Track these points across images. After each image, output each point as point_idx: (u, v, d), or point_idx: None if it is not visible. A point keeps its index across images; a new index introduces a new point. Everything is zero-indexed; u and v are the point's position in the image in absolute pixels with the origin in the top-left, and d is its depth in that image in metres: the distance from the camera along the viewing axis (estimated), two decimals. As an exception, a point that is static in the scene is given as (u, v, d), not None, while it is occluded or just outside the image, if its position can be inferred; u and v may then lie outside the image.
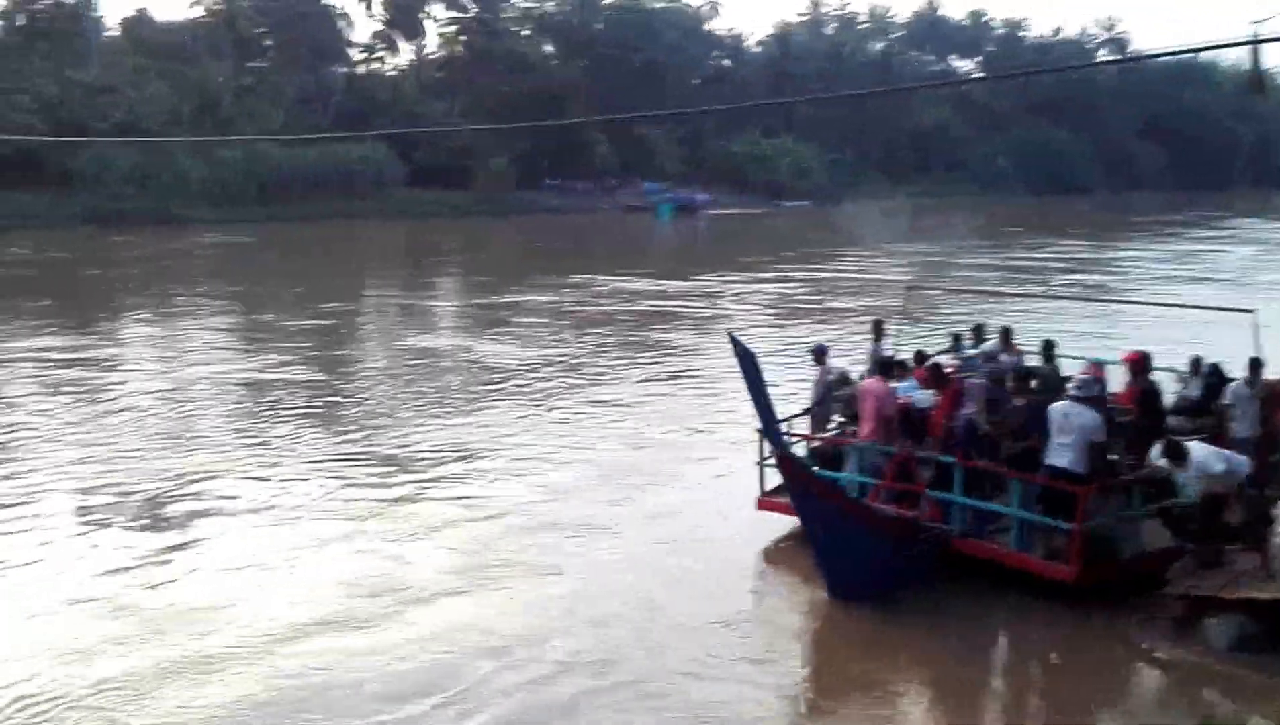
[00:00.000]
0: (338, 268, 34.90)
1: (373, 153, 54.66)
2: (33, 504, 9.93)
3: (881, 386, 8.79)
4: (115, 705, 6.28)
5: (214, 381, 15.65)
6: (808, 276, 30.86)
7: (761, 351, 10.11)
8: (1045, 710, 6.85)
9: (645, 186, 66.09)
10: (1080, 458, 7.74)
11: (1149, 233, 49.46)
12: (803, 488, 7.82)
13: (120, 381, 15.73)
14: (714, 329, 21.08)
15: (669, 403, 14.24)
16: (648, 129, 67.33)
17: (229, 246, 40.30)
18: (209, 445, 12.02)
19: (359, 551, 8.83)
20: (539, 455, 11.65)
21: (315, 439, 12.43)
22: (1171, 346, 11.87)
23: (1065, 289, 27.68)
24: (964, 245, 40.80)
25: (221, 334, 20.59)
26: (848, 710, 6.80)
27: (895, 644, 7.57)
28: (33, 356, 17.45)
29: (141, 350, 18.95)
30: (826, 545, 7.86)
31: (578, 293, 26.66)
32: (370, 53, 70.48)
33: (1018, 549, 7.97)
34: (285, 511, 9.78)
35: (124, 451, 11.75)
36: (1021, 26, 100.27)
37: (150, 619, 7.41)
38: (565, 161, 64.20)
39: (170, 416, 13.48)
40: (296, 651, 6.98)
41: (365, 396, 14.86)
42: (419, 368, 17.19)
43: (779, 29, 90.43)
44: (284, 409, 13.92)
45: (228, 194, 49.44)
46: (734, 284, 29.08)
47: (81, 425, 12.96)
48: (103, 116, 47.67)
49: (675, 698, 6.53)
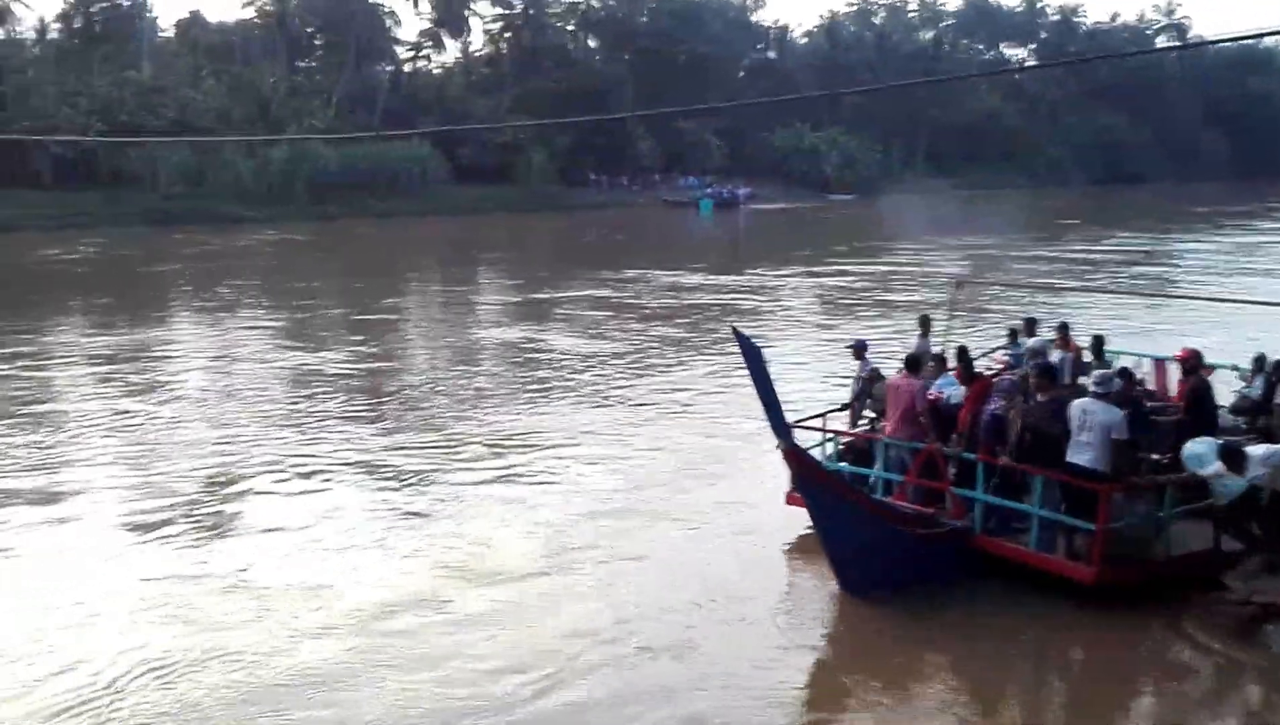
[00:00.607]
0: (392, 263, 35.34)
1: (419, 150, 55.15)
2: (140, 487, 10.45)
3: (908, 382, 8.67)
4: (238, 670, 6.75)
5: (293, 372, 16.36)
6: (858, 270, 30.61)
7: (809, 346, 9.75)
8: (1097, 709, 6.70)
9: (685, 181, 65.84)
10: (1101, 456, 7.53)
11: (1212, 224, 48.06)
12: (810, 481, 7.73)
13: (208, 369, 16.48)
14: (772, 322, 21.19)
15: (736, 395, 13.95)
16: (691, 122, 66.95)
17: (282, 244, 41.05)
18: (298, 434, 12.54)
19: (447, 534, 9.11)
20: (615, 443, 12.02)
21: (398, 427, 12.88)
22: (1241, 344, 11.58)
23: (1119, 283, 27.11)
24: (1017, 238, 40.10)
25: (291, 327, 21.26)
26: (877, 707, 6.74)
27: (934, 644, 7.45)
28: (130, 351, 18.12)
29: (226, 343, 19.53)
30: (835, 539, 7.76)
31: (636, 287, 26.83)
32: (417, 51, 71.17)
33: (1039, 548, 7.75)
34: (373, 494, 10.21)
35: (229, 436, 12.35)
36: (1077, 12, 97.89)
37: (261, 596, 7.84)
38: (608, 157, 64.15)
39: (261, 404, 14.11)
40: (391, 629, 7.30)
41: (442, 386, 15.33)
42: (492, 359, 17.71)
43: (826, 19, 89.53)
44: (365, 398, 14.47)
45: (276, 193, 50.24)
46: (787, 278, 28.96)
47: (210, 404, 13.93)
48: (156, 116, 48.71)
49: (736, 687, 6.68)
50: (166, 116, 49.13)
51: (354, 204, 50.81)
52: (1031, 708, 6.91)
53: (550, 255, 38.59)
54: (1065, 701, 7.00)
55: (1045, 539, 7.78)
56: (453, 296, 27.44)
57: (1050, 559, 7.74)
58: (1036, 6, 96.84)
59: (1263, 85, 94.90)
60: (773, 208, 61.35)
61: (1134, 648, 7.39)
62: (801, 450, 7.79)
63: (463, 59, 74.02)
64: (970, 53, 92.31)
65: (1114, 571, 7.54)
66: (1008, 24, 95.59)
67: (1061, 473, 7.66)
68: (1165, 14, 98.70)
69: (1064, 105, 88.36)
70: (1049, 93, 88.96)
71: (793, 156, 71.45)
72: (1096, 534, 7.40)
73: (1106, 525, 7.42)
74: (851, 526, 7.71)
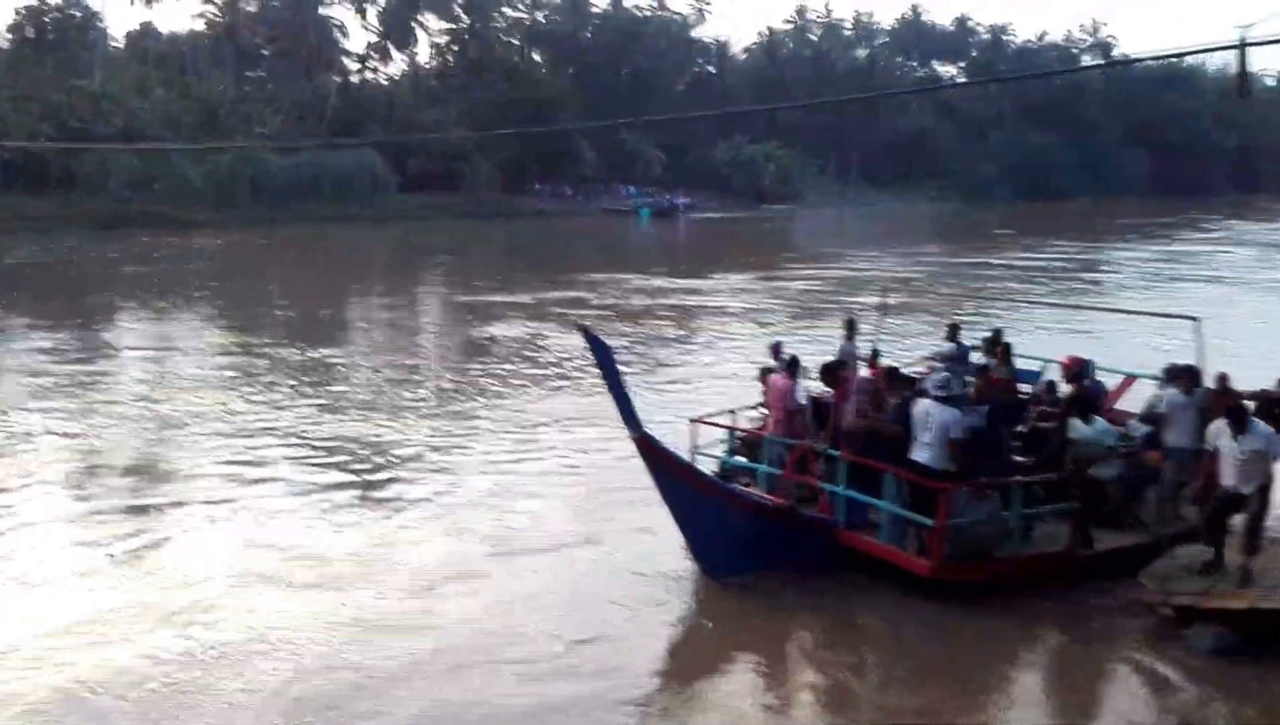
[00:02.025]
0: (333, 268, 36.73)
1: (366, 159, 56.82)
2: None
3: (785, 382, 9.18)
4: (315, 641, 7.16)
5: (294, 363, 17.61)
6: (790, 275, 32.34)
7: (739, 345, 10.15)
8: (1018, 715, 6.73)
9: (626, 191, 68.45)
10: (939, 454, 7.88)
11: (1141, 235, 50.45)
12: (662, 470, 7.96)
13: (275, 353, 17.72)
14: (703, 321, 23.16)
15: (732, 383, 14.42)
16: (634, 134, 69.51)
17: (228, 246, 42.20)
18: (340, 416, 13.66)
19: (499, 508, 9.77)
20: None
21: (431, 411, 14.04)
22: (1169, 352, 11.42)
23: (1025, 291, 28.66)
24: (954, 248, 42.26)
25: (229, 325, 22.79)
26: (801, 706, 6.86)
27: (797, 632, 7.67)
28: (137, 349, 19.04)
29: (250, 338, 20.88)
30: (690, 525, 8.10)
31: (607, 290, 28.28)
32: (364, 62, 72.85)
33: (889, 542, 8.05)
34: (404, 476, 11.04)
35: (307, 417, 13.48)
36: (1006, 31, 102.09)
37: (331, 571, 8.37)
38: (553, 167, 66.39)
39: (312, 392, 15.22)
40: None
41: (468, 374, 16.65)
42: (497, 354, 18.77)
43: (764, 36, 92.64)
44: (294, 400, 15.14)
45: (225, 198, 51.57)
46: (720, 281, 30.88)
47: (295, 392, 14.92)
48: (106, 123, 49.93)
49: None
50: (116, 124, 50.37)
51: (301, 210, 52.19)
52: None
53: (501, 262, 39.89)
54: (1011, 703, 6.95)
55: (896, 534, 8.03)
56: (393, 302, 28.63)
57: (894, 552, 7.98)
58: (967, 25, 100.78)
59: (1183, 104, 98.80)
60: (711, 217, 63.96)
61: (1031, 648, 7.55)
62: (653, 439, 7.85)
63: (410, 70, 75.87)
64: (904, 70, 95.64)
65: (954, 568, 7.75)
66: (940, 42, 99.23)
67: (906, 470, 7.94)
68: (1091, 33, 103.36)
69: (993, 123, 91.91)
70: (979, 110, 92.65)
71: (731, 168, 74.36)
72: (935, 530, 7.67)
73: (946, 522, 7.65)
74: (705, 513, 7.99)
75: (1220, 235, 52.31)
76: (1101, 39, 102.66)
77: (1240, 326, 19.91)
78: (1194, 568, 7.60)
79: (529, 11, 79.02)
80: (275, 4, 67.67)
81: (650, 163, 71.25)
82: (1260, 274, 34.54)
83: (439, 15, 72.87)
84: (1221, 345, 11.02)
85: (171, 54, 65.25)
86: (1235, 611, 7.01)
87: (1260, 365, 11.25)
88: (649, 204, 64.84)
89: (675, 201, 66.58)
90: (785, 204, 70.47)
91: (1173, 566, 7.72)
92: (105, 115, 50.98)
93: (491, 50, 72.63)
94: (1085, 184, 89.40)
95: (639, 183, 70.18)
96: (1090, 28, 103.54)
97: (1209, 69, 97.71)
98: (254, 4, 68.90)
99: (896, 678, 7.05)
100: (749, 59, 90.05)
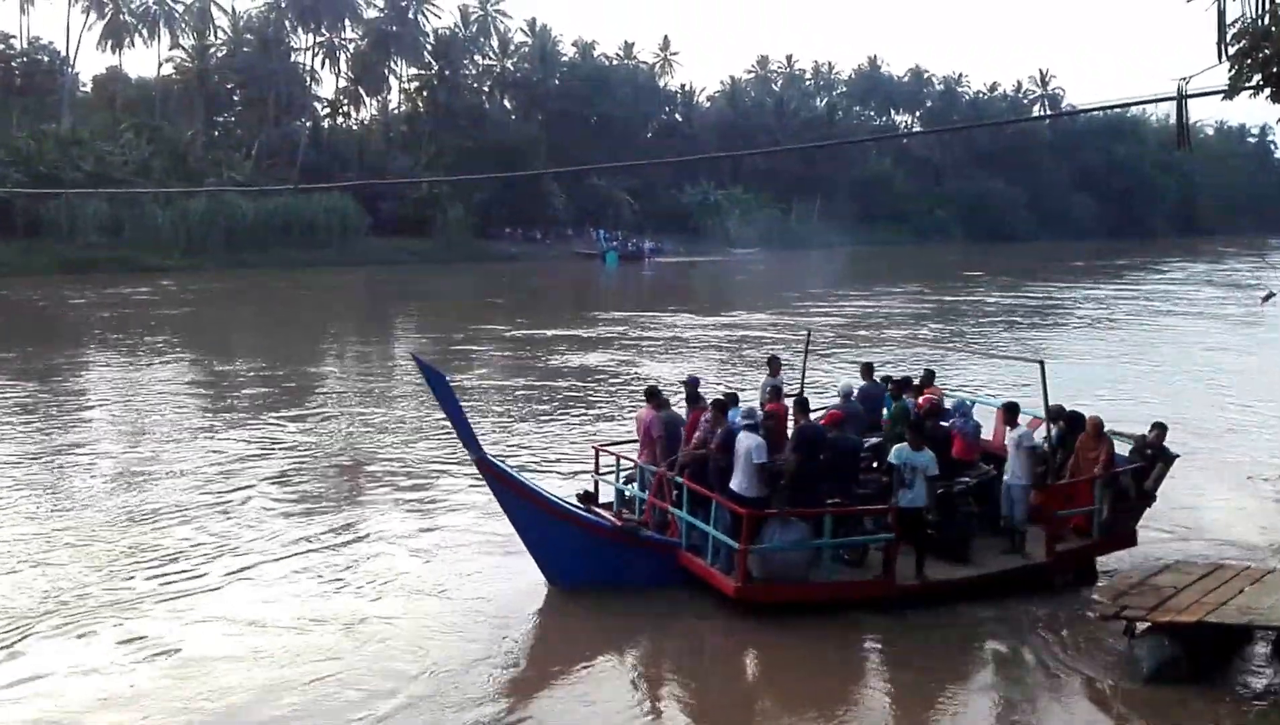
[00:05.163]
0: (300, 312, 36.88)
1: (338, 203, 57.15)
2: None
3: (649, 413, 9.73)
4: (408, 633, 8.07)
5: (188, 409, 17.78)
6: (747, 319, 33.25)
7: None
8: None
9: (597, 234, 69.58)
10: (747, 481, 8.37)
11: (1100, 276, 52.63)
12: (501, 489, 8.68)
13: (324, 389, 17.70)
14: (650, 355, 23.66)
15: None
16: (604, 180, 70.72)
17: (196, 293, 41.92)
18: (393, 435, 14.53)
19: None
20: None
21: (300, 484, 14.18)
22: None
23: (930, 333, 29.83)
24: (911, 290, 43.55)
25: (195, 375, 22.74)
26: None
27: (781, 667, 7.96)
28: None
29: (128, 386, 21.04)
30: (528, 537, 8.82)
31: (622, 327, 29.63)
32: (335, 108, 73.50)
33: (713, 563, 8.52)
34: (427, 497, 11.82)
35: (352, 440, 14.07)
36: (960, 82, 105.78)
37: (377, 584, 9.12)
38: (523, 211, 67.21)
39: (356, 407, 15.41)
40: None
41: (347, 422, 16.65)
42: (403, 402, 19.04)
43: (728, 85, 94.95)
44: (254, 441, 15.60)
45: (195, 243, 51.51)
46: (676, 321, 31.93)
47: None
48: (75, 167, 49.83)
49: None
50: (84, 168, 50.29)
51: (272, 254, 52.36)
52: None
53: (482, 304, 39.85)
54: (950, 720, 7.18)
55: (723, 556, 8.46)
56: (361, 345, 28.97)
57: (711, 572, 8.49)
58: (923, 76, 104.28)
59: (1128, 152, 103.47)
60: (677, 261, 65.09)
61: (983, 661, 7.88)
62: (491, 461, 8.62)
63: (380, 116, 76.65)
64: (862, 118, 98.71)
65: (759, 589, 8.23)
66: (896, 92, 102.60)
67: (725, 498, 8.48)
68: (1040, 84, 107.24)
69: (948, 169, 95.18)
70: (935, 157, 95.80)
71: (699, 213, 75.90)
72: (739, 553, 8.16)
73: (748, 546, 8.11)
74: (540, 527, 8.73)
75: (1179, 275, 54.67)
76: (1050, 90, 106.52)
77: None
78: (1146, 583, 8.00)
79: (498, 60, 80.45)
80: (246, 50, 68.33)
81: (621, 207, 72.43)
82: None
83: (409, 62, 73.93)
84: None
85: (141, 99, 65.35)
86: (1184, 625, 7.31)
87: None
88: (615, 247, 65.95)
89: (641, 246, 67.70)
90: (752, 247, 71.88)
91: (1126, 582, 8.17)
92: (73, 160, 50.94)
93: (461, 96, 73.70)
94: (1034, 227, 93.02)
95: (611, 226, 71.28)
96: (1040, 79, 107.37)
97: (1152, 120, 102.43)
98: (224, 50, 69.51)
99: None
100: (713, 106, 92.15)
